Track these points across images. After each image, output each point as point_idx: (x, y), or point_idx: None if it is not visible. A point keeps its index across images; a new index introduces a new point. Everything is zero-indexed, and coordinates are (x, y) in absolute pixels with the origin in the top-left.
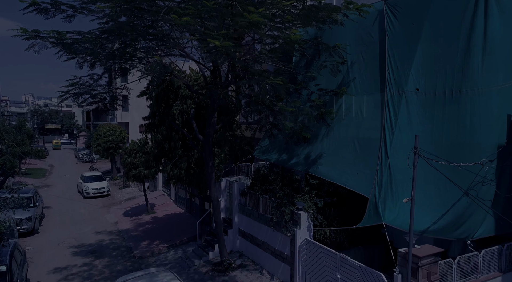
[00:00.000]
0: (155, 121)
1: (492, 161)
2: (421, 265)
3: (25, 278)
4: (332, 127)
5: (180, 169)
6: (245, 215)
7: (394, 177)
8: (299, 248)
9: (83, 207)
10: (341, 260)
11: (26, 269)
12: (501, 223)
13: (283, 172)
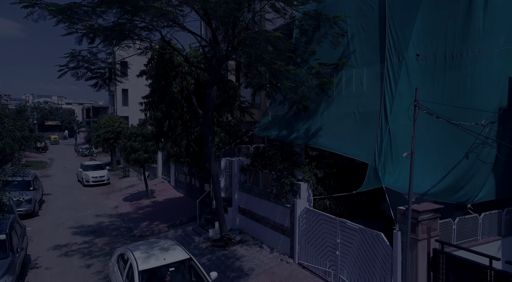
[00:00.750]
0: (155, 98)
1: (493, 123)
2: (421, 220)
3: (25, 249)
4: (332, 101)
5: (180, 146)
6: (244, 192)
7: (394, 142)
8: (299, 218)
9: (83, 194)
10: (341, 225)
11: (26, 241)
12: (502, 187)
13: (283, 147)
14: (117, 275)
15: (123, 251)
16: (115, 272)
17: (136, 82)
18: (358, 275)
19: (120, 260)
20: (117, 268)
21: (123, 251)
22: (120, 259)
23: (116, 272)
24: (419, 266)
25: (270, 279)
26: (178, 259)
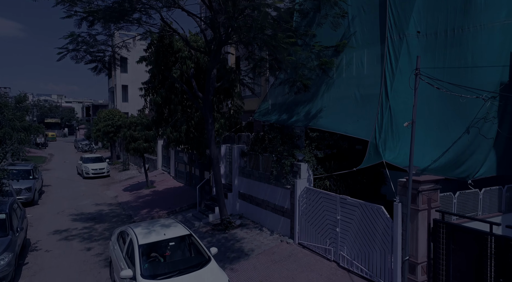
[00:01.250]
0: (155, 83)
1: (494, 98)
2: (421, 190)
3: (25, 231)
4: (332, 83)
5: (180, 132)
6: (244, 177)
7: (394, 119)
8: (299, 198)
9: (83, 185)
10: (341, 201)
11: (26, 224)
12: (503, 164)
13: (283, 130)
14: (117, 252)
15: (123, 229)
16: (115, 250)
17: (135, 77)
18: (358, 250)
19: (120, 238)
20: (117, 246)
21: (124, 229)
22: (120, 237)
23: (116, 249)
24: (419, 237)
25: (270, 258)
26: (178, 234)
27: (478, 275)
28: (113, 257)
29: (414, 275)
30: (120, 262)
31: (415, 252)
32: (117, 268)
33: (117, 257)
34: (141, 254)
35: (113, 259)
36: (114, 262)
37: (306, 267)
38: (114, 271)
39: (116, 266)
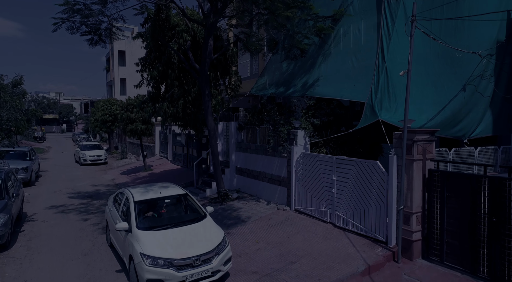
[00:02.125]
0: (151, 58)
1: (491, 56)
2: (417, 140)
3: (21, 201)
4: (329, 54)
5: (177, 107)
6: (241, 152)
7: (391, 80)
8: (295, 164)
9: (80, 170)
10: (337, 162)
11: (22, 195)
12: (499, 124)
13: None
14: (113, 212)
15: (120, 191)
16: (111, 211)
17: (134, 71)
18: (354, 208)
19: (116, 200)
20: (113, 208)
21: (120, 191)
22: (116, 199)
23: (112, 210)
24: (414, 187)
25: (267, 223)
26: (174, 193)
27: (472, 218)
28: (109, 219)
29: (409, 225)
30: (115, 220)
31: (410, 202)
32: (112, 227)
33: (113, 217)
34: (136, 209)
35: (109, 221)
36: (110, 223)
37: (302, 228)
38: (110, 232)
39: (112, 225)
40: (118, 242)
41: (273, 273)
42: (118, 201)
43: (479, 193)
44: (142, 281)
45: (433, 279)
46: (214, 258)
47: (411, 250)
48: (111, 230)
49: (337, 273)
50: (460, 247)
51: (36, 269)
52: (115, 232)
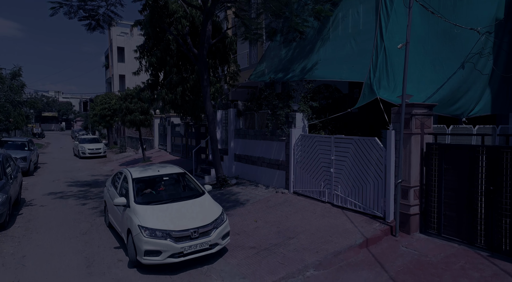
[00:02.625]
0: (150, 45)
1: (490, 33)
2: (415, 113)
3: (20, 184)
4: (328, 38)
5: (176, 94)
6: (240, 138)
7: (389, 59)
8: (294, 147)
9: (79, 163)
10: (335, 141)
11: (21, 180)
12: (497, 103)
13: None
14: (112, 192)
15: (118, 171)
16: (109, 191)
17: (133, 67)
18: (352, 186)
19: (114, 180)
20: (112, 187)
21: (119, 171)
22: (114, 179)
23: (111, 189)
24: (412, 161)
25: (265, 205)
26: (172, 172)
27: (469, 189)
28: (107, 199)
29: (407, 199)
30: (114, 198)
31: (408, 176)
32: (111, 206)
33: (111, 196)
34: (135, 185)
35: (107, 200)
36: (108, 202)
37: (301, 208)
38: (109, 212)
39: (110, 203)
40: (116, 220)
41: (271, 248)
42: (117, 180)
43: (477, 163)
44: (140, 252)
45: (430, 250)
46: (212, 231)
47: (409, 224)
48: (109, 210)
49: (335, 246)
50: (458, 219)
51: (34, 246)
52: (113, 211)
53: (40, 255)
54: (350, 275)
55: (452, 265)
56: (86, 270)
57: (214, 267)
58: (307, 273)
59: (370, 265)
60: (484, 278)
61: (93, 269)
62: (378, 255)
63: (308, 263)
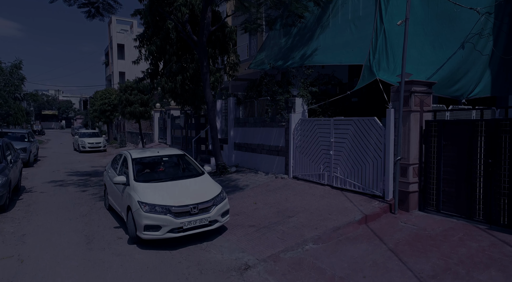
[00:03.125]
0: (149, 33)
1: (490, 14)
2: (414, 91)
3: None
4: (328, 25)
5: (175, 82)
6: (240, 127)
7: (389, 41)
8: (294, 131)
9: (79, 156)
10: (335, 123)
11: (21, 166)
12: (497, 85)
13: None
14: (111, 174)
15: (118, 154)
16: (109, 173)
17: (132, 65)
18: (351, 167)
19: (114, 162)
20: (111, 170)
21: (119, 153)
22: (114, 161)
23: (111, 171)
24: (411, 138)
25: (265, 189)
26: (172, 153)
27: (468, 164)
28: (107, 181)
29: (406, 177)
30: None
31: (407, 154)
32: (110, 188)
33: (111, 177)
34: (134, 165)
35: (107, 183)
36: (108, 185)
37: (300, 191)
38: (109, 194)
39: (110, 184)
40: (116, 200)
41: (271, 226)
42: (116, 162)
43: (476, 137)
44: (140, 227)
45: (429, 225)
46: (211, 208)
47: (408, 202)
48: (109, 192)
49: (333, 223)
50: (456, 194)
51: (34, 226)
52: (113, 192)
53: (40, 234)
54: (348, 247)
55: (451, 237)
56: (86, 246)
57: (213, 244)
58: (306, 247)
59: (369, 239)
60: (482, 247)
61: (93, 245)
62: (377, 230)
63: (307, 238)
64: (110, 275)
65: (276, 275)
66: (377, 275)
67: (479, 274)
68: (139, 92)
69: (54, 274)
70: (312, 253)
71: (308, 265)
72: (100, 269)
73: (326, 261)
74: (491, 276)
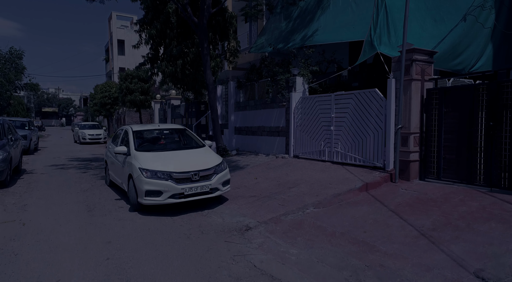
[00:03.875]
0: (149, 17)
1: None
2: (415, 59)
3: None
4: (328, 6)
5: (176, 66)
6: (240, 110)
7: (390, 15)
8: (294, 111)
9: (80, 147)
10: (336, 98)
11: (21, 147)
12: (499, 59)
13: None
14: (112, 148)
15: (119, 129)
16: (109, 149)
17: (133, 60)
18: (352, 141)
19: (116, 137)
20: (112, 145)
21: (120, 128)
22: (115, 136)
23: (111, 146)
24: (412, 108)
25: (265, 167)
26: (172, 127)
27: (469, 128)
28: (108, 157)
29: (407, 146)
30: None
31: (408, 123)
32: (111, 162)
33: (111, 152)
34: (135, 137)
35: (108, 159)
36: (109, 160)
37: (300, 167)
38: (109, 170)
39: (111, 159)
40: (117, 173)
41: (272, 195)
42: (117, 136)
43: (477, 102)
44: (141, 193)
45: (429, 190)
46: (212, 176)
47: (409, 171)
48: (110, 168)
49: (334, 190)
50: (457, 161)
51: (35, 199)
52: (114, 166)
53: (41, 204)
54: (349, 210)
55: (452, 199)
56: (87, 213)
57: (214, 211)
58: (307, 210)
59: (370, 203)
60: (483, 206)
61: (94, 212)
62: (377, 196)
63: (307, 203)
64: (111, 234)
65: (277, 233)
66: (378, 229)
67: (479, 226)
68: (140, 80)
69: (56, 233)
70: (313, 215)
71: (309, 224)
72: (101, 229)
73: (327, 221)
74: (491, 227)
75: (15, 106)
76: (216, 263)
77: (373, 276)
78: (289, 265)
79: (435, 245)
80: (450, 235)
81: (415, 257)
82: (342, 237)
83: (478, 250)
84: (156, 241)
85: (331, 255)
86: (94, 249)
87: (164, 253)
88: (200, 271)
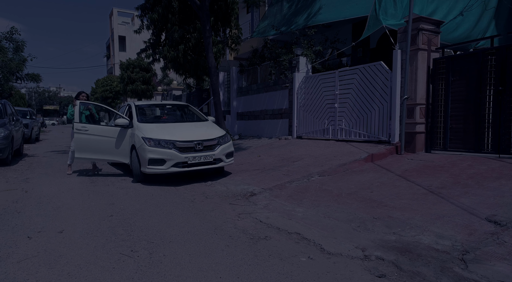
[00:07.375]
0: (151, 1)
1: None
2: (422, 28)
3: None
4: None
5: (178, 51)
6: (243, 96)
7: None
8: (297, 91)
9: None
10: (340, 74)
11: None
12: (503, 36)
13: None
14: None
15: (123, 105)
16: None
17: (134, 57)
18: (357, 117)
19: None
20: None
21: (123, 104)
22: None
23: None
24: (419, 78)
25: (269, 147)
26: (175, 103)
27: (477, 95)
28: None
29: (412, 118)
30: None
31: (414, 93)
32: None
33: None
34: (138, 111)
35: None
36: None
37: (304, 145)
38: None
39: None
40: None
41: (276, 168)
42: (121, 112)
43: (486, 67)
44: (144, 162)
45: (436, 159)
46: (216, 147)
47: (414, 143)
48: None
49: (339, 161)
50: (464, 129)
51: (37, 174)
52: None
53: (43, 178)
54: (355, 176)
55: (460, 164)
56: (90, 184)
57: (218, 182)
58: (312, 178)
59: (376, 170)
60: (491, 168)
61: (97, 183)
62: (383, 164)
63: (312, 172)
64: (114, 199)
65: (282, 197)
66: (385, 190)
67: (489, 183)
68: (141, 70)
69: (59, 198)
70: (318, 182)
71: (315, 188)
72: (104, 195)
73: (333, 185)
74: (501, 184)
75: (17, 100)
76: (222, 219)
77: (382, 225)
78: (296, 219)
79: (445, 199)
80: (459, 191)
81: (424, 209)
82: (349, 197)
83: (489, 201)
84: (159, 203)
85: (338, 211)
86: (98, 209)
87: (168, 211)
88: (206, 224)
